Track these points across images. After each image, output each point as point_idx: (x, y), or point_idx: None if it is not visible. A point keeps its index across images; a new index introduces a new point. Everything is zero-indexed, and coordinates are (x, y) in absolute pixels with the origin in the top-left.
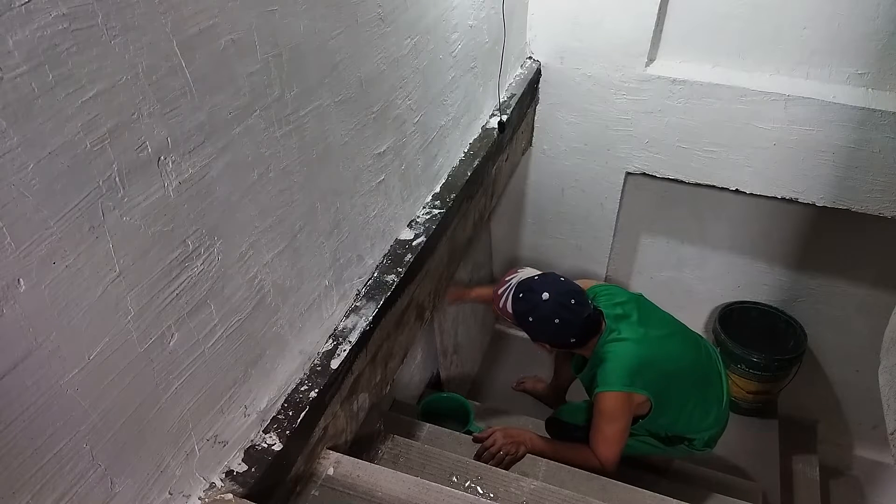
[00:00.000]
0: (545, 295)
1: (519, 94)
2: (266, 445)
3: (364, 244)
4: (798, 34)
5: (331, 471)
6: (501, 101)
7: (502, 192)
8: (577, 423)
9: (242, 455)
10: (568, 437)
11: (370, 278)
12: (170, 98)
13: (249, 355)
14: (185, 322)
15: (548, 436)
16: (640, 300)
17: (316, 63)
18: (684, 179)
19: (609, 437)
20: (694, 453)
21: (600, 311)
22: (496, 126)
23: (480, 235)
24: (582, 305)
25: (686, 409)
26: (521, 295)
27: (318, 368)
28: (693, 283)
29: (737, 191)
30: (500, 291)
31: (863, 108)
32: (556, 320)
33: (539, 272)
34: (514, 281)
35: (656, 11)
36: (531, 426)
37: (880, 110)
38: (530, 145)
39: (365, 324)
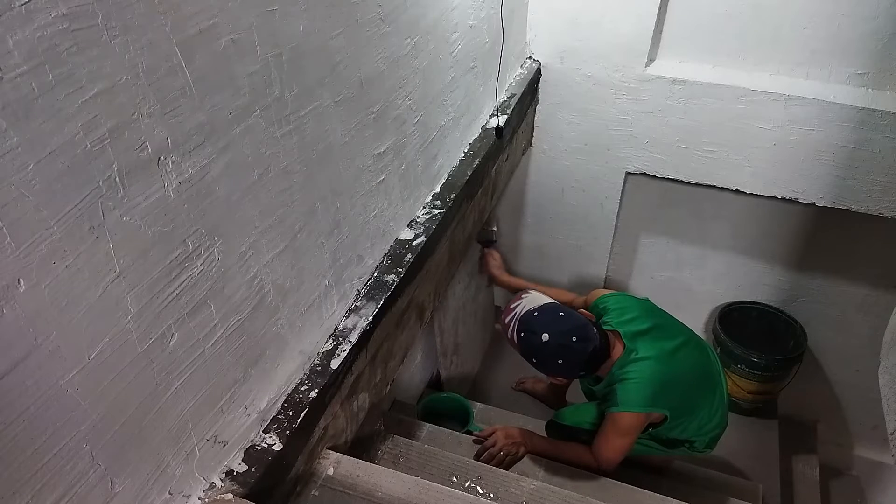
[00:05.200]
0: (545, 336)
1: (519, 94)
2: (266, 445)
3: (364, 244)
4: (798, 34)
5: (331, 471)
6: (500, 102)
7: (502, 192)
8: (577, 426)
9: (242, 455)
10: (568, 439)
11: (370, 278)
12: (170, 98)
13: (249, 355)
14: (185, 322)
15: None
16: (649, 309)
17: (316, 63)
18: (684, 179)
19: (616, 448)
20: (694, 454)
21: (616, 331)
22: (495, 130)
23: None
24: (585, 341)
25: (697, 416)
26: (522, 335)
27: (318, 368)
28: (693, 283)
29: (737, 191)
30: (506, 320)
31: (863, 108)
32: (560, 360)
33: (541, 304)
34: (518, 310)
35: (656, 11)
36: (531, 426)
37: (880, 110)
38: (530, 145)
39: (365, 324)
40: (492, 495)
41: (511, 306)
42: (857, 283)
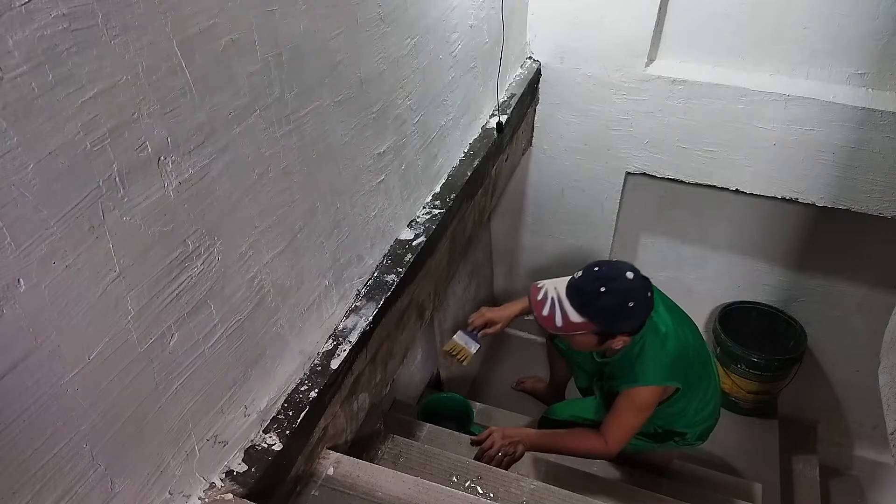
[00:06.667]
0: (629, 273)
1: (519, 94)
2: (266, 445)
3: (364, 244)
4: (798, 34)
5: (331, 471)
6: (501, 101)
7: (502, 192)
8: (570, 420)
9: (242, 455)
10: None
11: (370, 278)
12: (170, 98)
13: (249, 355)
14: (185, 322)
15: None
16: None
17: (316, 63)
18: (684, 179)
19: (629, 425)
20: (685, 448)
21: None
22: (496, 126)
23: (480, 235)
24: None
25: (695, 398)
26: (603, 289)
27: (318, 368)
28: (693, 283)
29: (737, 191)
30: (545, 312)
31: (863, 108)
32: (648, 293)
33: (575, 273)
34: (553, 292)
35: (656, 11)
36: (531, 426)
37: (880, 110)
38: (530, 145)
39: (365, 324)
40: (492, 495)
41: (538, 298)
42: (857, 283)
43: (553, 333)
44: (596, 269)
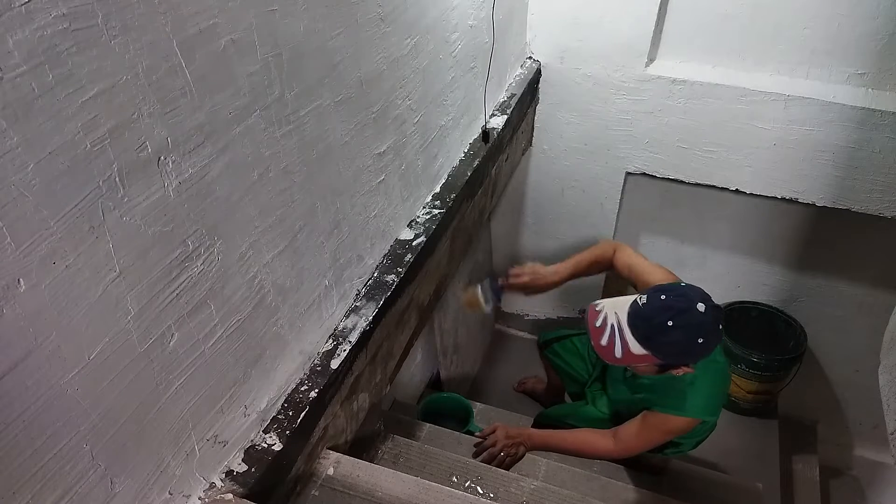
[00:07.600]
0: (700, 306)
1: (519, 94)
2: (266, 445)
3: (364, 244)
4: (798, 34)
5: (331, 471)
6: (501, 101)
7: (502, 192)
8: (559, 424)
9: (242, 455)
10: None
11: (370, 278)
12: (170, 98)
13: (249, 355)
14: (185, 322)
15: None
16: None
17: (316, 63)
18: (684, 179)
19: (649, 444)
20: (675, 455)
21: None
22: (481, 135)
23: (481, 235)
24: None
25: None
26: (670, 323)
27: (318, 368)
28: (693, 283)
29: (737, 191)
30: (603, 342)
31: (863, 108)
32: (720, 325)
33: (635, 295)
34: (612, 318)
35: (656, 11)
36: (531, 426)
37: (880, 110)
38: (530, 145)
39: (365, 324)
40: (492, 495)
41: (597, 324)
42: (857, 283)
43: (598, 354)
44: (663, 297)
